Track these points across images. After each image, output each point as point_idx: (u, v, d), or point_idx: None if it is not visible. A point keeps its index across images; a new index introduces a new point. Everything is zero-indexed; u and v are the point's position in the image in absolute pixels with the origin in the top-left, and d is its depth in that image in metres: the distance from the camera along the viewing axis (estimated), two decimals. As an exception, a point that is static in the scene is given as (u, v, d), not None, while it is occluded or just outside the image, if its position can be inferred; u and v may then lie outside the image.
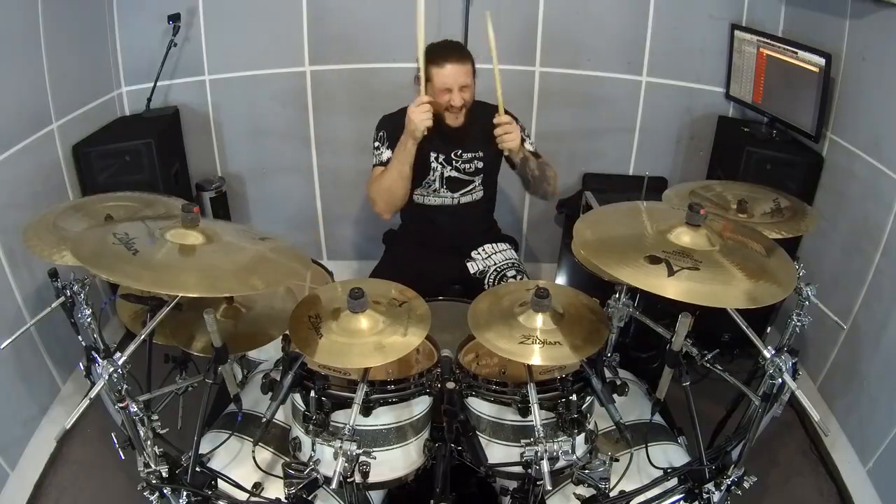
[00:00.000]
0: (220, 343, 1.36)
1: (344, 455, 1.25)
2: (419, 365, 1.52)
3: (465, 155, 2.10)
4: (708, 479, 1.46)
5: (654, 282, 1.24)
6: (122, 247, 1.28)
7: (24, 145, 2.15)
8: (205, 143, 3.02)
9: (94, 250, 1.28)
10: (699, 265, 1.29)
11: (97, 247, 1.29)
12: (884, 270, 2.08)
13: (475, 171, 2.13)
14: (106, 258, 1.25)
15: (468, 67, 1.95)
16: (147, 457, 1.38)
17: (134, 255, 1.26)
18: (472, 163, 2.11)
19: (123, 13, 2.71)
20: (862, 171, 2.21)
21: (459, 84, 1.93)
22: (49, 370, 2.28)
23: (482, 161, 2.12)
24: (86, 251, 1.27)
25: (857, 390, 2.16)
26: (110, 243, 1.29)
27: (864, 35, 2.19)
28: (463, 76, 1.93)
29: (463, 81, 1.94)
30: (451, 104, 1.96)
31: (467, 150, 2.10)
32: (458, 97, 1.94)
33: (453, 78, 1.93)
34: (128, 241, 1.29)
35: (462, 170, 2.12)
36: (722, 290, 1.25)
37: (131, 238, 1.31)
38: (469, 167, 2.12)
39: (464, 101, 1.96)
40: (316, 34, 2.84)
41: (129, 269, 1.23)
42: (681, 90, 2.90)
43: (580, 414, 1.39)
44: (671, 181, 3.00)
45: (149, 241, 1.33)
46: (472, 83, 1.97)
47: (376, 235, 2.52)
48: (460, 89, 1.94)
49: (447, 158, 2.11)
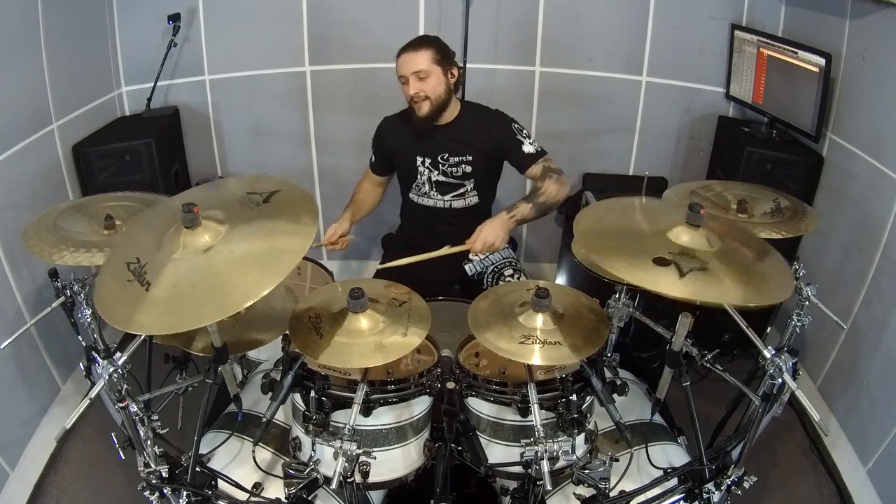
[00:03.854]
0: (220, 343, 1.36)
1: (344, 455, 1.25)
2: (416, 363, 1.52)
3: (452, 158, 2.08)
4: (708, 479, 1.46)
5: (666, 285, 1.24)
6: (136, 282, 1.20)
7: (24, 145, 2.15)
8: (205, 143, 3.03)
9: (115, 301, 1.21)
10: (706, 266, 1.29)
11: (117, 295, 1.22)
12: (884, 270, 2.08)
13: (463, 175, 2.10)
14: (124, 306, 1.18)
15: (424, 53, 1.93)
16: (147, 457, 1.38)
17: (147, 292, 1.18)
18: (459, 166, 2.08)
19: (123, 13, 2.71)
20: (862, 171, 2.21)
21: (411, 70, 1.93)
22: (49, 370, 2.28)
23: (471, 165, 2.08)
24: (109, 308, 1.20)
25: (857, 390, 2.16)
26: (125, 281, 1.21)
27: (864, 35, 2.19)
28: (416, 63, 1.92)
29: (415, 67, 1.92)
30: (407, 94, 1.97)
31: (454, 153, 2.07)
32: (412, 86, 1.94)
33: (405, 66, 1.94)
34: (140, 272, 1.22)
35: (449, 173, 2.10)
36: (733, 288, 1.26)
37: (143, 265, 1.23)
38: (456, 171, 2.09)
39: (419, 89, 1.94)
40: (316, 34, 2.84)
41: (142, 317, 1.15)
42: (681, 90, 2.90)
43: (580, 414, 1.39)
44: (671, 181, 3.00)
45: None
46: (432, 71, 1.94)
47: (376, 236, 2.52)
48: (416, 78, 1.93)
49: (433, 162, 2.09)
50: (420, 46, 1.95)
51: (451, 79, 2.00)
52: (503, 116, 2.10)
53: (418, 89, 1.95)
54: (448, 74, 1.99)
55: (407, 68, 1.94)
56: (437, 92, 1.97)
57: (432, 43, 1.98)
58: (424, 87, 1.95)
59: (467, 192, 2.14)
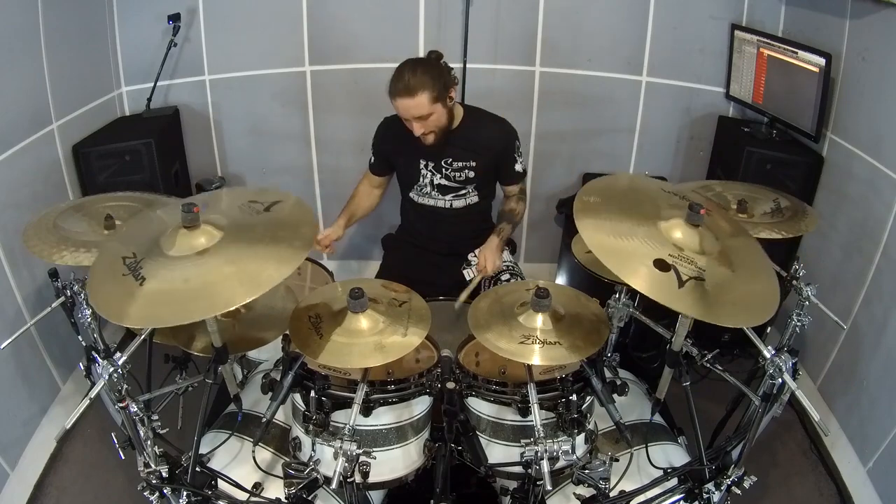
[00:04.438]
0: (220, 343, 1.36)
1: (344, 455, 1.25)
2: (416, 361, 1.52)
3: (456, 164, 2.07)
4: (708, 479, 1.46)
5: (665, 294, 1.22)
6: (130, 276, 1.22)
7: (24, 145, 2.15)
8: (205, 143, 3.02)
9: (108, 295, 1.23)
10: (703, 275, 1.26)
11: (110, 289, 1.23)
12: (884, 270, 2.08)
13: (466, 180, 2.10)
14: (117, 299, 1.20)
15: (418, 101, 1.85)
16: (147, 457, 1.38)
17: (141, 286, 1.20)
18: (462, 171, 2.08)
19: (123, 13, 2.71)
20: (862, 171, 2.21)
21: (412, 115, 1.88)
22: (49, 370, 2.28)
23: (474, 170, 2.08)
24: (101, 297, 1.23)
25: (857, 390, 2.16)
26: (120, 275, 1.23)
27: (864, 35, 2.19)
28: (416, 110, 1.86)
29: (417, 113, 1.87)
30: (410, 128, 1.93)
31: (458, 158, 2.06)
32: (416, 127, 1.91)
33: (404, 111, 1.90)
34: (136, 266, 1.24)
35: (452, 178, 2.10)
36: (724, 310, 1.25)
37: (139, 260, 1.25)
38: (459, 175, 2.09)
39: (424, 128, 1.92)
40: (316, 34, 2.84)
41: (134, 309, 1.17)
42: (681, 90, 2.90)
43: (580, 414, 1.39)
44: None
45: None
46: (433, 110, 1.88)
47: (376, 236, 2.52)
48: (416, 120, 1.90)
49: (437, 166, 2.09)
50: (414, 93, 1.84)
51: (450, 102, 1.95)
52: (509, 128, 2.09)
53: (422, 129, 1.92)
54: (447, 100, 1.93)
55: (406, 113, 1.90)
56: (440, 123, 1.95)
57: (425, 85, 1.84)
58: (428, 125, 1.92)
59: (468, 192, 2.14)
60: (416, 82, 1.83)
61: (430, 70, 1.87)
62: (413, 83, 1.83)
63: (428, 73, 1.86)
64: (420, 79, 1.84)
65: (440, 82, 1.87)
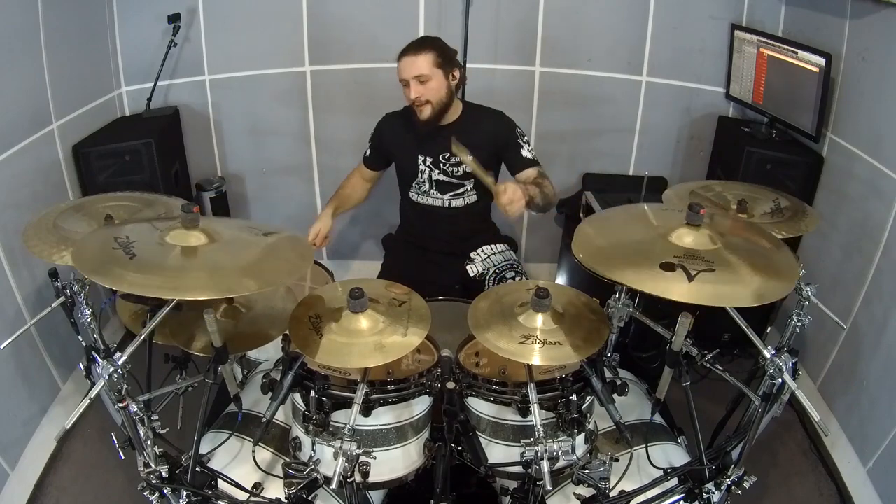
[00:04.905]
0: (220, 343, 1.36)
1: (344, 455, 1.25)
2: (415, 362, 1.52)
3: (454, 158, 2.07)
4: (708, 479, 1.46)
5: (676, 289, 1.26)
6: (121, 251, 1.27)
7: (24, 145, 2.15)
8: (205, 143, 3.03)
9: (93, 256, 1.28)
10: (713, 266, 1.30)
11: (96, 252, 1.29)
12: (884, 270, 2.08)
13: (464, 175, 2.10)
14: (103, 263, 1.25)
15: (425, 57, 1.92)
16: (147, 457, 1.38)
17: (131, 260, 1.25)
18: (460, 166, 2.08)
19: (123, 13, 2.71)
20: (862, 171, 2.21)
21: (413, 74, 1.92)
22: (49, 370, 2.28)
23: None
24: (84, 256, 1.27)
25: (857, 390, 2.16)
26: (110, 248, 1.28)
27: (864, 35, 2.19)
28: (417, 66, 1.91)
29: (416, 72, 1.92)
30: (408, 97, 1.96)
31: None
32: (414, 90, 1.93)
33: (406, 69, 1.93)
34: (127, 246, 1.29)
35: (450, 173, 2.10)
36: (742, 289, 1.28)
37: (132, 242, 1.30)
38: (457, 170, 2.09)
39: (420, 93, 1.94)
40: (316, 34, 2.84)
41: (124, 273, 1.22)
42: (681, 90, 2.90)
43: (580, 414, 1.39)
44: (671, 181, 3.00)
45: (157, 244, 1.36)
46: (433, 74, 1.93)
47: (376, 235, 2.52)
48: (417, 81, 1.92)
49: (435, 161, 2.09)
50: (421, 50, 1.93)
51: (452, 81, 1.99)
52: (506, 117, 2.11)
53: (419, 93, 1.94)
54: (450, 77, 1.98)
55: (408, 72, 1.93)
56: (439, 95, 1.97)
57: (433, 45, 1.96)
58: (425, 91, 1.94)
59: (467, 191, 2.14)
60: (422, 43, 1.97)
61: (439, 41, 2.01)
62: (420, 43, 1.97)
63: (437, 42, 2.00)
64: (428, 41, 1.98)
65: (446, 53, 1.99)
